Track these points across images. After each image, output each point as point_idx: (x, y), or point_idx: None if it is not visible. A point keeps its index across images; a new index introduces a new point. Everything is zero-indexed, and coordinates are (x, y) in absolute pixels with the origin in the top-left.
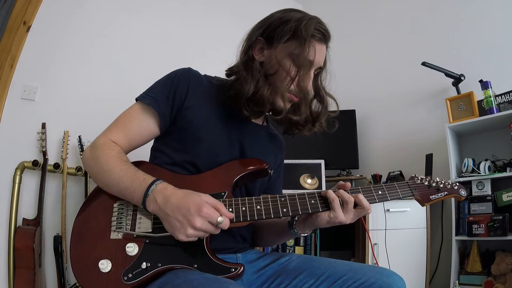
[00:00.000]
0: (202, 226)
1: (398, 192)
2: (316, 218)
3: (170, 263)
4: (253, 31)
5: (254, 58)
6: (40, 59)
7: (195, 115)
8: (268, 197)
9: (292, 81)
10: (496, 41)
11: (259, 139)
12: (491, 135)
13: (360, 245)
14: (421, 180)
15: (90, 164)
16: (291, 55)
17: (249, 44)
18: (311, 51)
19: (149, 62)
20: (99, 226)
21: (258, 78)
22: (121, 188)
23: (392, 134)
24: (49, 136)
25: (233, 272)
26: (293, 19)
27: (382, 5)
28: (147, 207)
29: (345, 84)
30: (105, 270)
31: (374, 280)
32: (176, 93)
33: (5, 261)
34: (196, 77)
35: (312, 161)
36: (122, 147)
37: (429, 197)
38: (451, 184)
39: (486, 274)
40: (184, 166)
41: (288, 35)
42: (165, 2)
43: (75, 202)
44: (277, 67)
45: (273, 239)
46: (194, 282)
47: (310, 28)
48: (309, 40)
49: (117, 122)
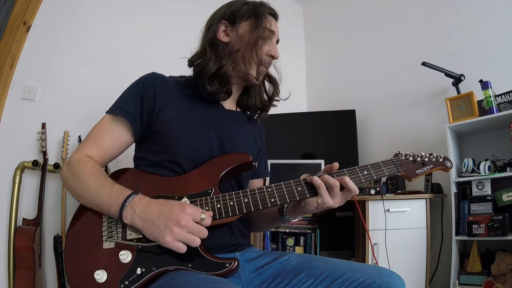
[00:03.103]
0: (187, 223)
1: (384, 170)
2: (305, 205)
3: (165, 266)
4: (212, 17)
5: (218, 39)
6: (40, 59)
7: (168, 114)
8: (255, 189)
9: (260, 50)
10: (496, 41)
11: (235, 124)
12: (491, 135)
13: (360, 245)
14: (405, 156)
15: (68, 182)
16: (254, 28)
17: (213, 28)
18: (272, 23)
19: (149, 62)
20: (90, 237)
21: (222, 55)
22: (99, 203)
23: (392, 134)
24: (49, 136)
25: (227, 267)
26: (247, 3)
27: (382, 5)
28: (124, 218)
29: (345, 84)
30: (101, 280)
31: (374, 279)
32: (144, 98)
33: (5, 261)
34: (161, 79)
35: (312, 161)
36: (97, 160)
37: (415, 172)
38: (435, 156)
39: (486, 274)
40: (167, 167)
41: (248, 14)
42: (165, 2)
43: (75, 202)
44: (244, 42)
45: (266, 225)
46: (189, 284)
47: (265, 7)
48: (267, 15)
49: (90, 136)
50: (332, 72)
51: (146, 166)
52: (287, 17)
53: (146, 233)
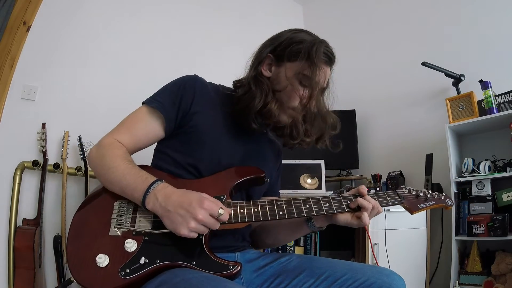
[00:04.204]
0: (204, 219)
1: (388, 200)
2: (334, 217)
3: (169, 260)
4: (263, 47)
5: (262, 73)
6: (40, 59)
7: (200, 120)
8: (265, 200)
9: (300, 100)
10: (496, 41)
11: (259, 145)
12: (491, 135)
13: (360, 245)
14: (409, 190)
15: (95, 161)
16: (299, 75)
17: (259, 60)
18: (321, 75)
19: (149, 62)
20: (98, 222)
21: (267, 92)
22: (123, 185)
23: (392, 134)
24: (49, 136)
25: (230, 269)
26: (304, 41)
27: (382, 5)
28: (146, 204)
29: (345, 84)
30: (102, 265)
31: (374, 280)
32: (182, 99)
33: (5, 261)
34: (202, 85)
35: (312, 161)
36: (127, 147)
37: (417, 206)
38: (438, 194)
39: (486, 274)
40: (186, 168)
41: (298, 56)
42: (165, 3)
43: (75, 202)
44: (285, 84)
45: (288, 236)
46: (192, 281)
47: (320, 52)
48: (320, 64)
49: (124, 124)
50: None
51: (166, 162)
52: (287, 17)
53: (165, 222)
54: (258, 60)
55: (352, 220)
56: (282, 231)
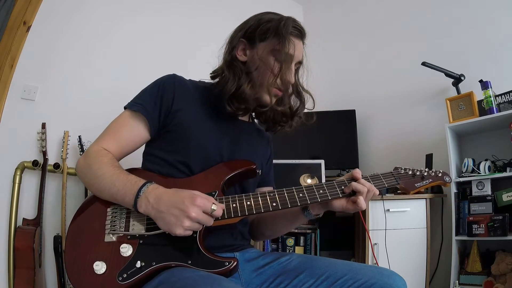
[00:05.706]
0: (197, 216)
1: (383, 182)
2: (330, 204)
3: (165, 261)
4: (235, 33)
5: (237, 58)
6: (40, 59)
7: (183, 117)
8: (257, 193)
9: (276, 76)
10: (496, 41)
11: (247, 136)
12: (491, 135)
13: (360, 245)
14: (405, 170)
15: (84, 172)
16: (272, 51)
17: (232, 46)
18: (291, 47)
19: (149, 61)
20: (93, 230)
21: (240, 75)
22: (113, 192)
23: (392, 134)
24: (49, 136)
25: (226, 265)
26: (272, 20)
27: (382, 5)
28: (138, 207)
29: (345, 84)
30: (100, 272)
31: (375, 280)
32: (163, 98)
33: (5, 261)
34: (181, 82)
35: (312, 161)
36: (114, 154)
37: (414, 185)
38: (435, 172)
39: (486, 274)
40: (176, 166)
41: (268, 34)
42: (165, 2)
43: (75, 202)
44: (260, 64)
45: (285, 227)
46: (188, 280)
47: (288, 26)
48: (288, 37)
49: (108, 130)
50: (332, 72)
51: (156, 163)
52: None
53: (159, 224)
54: (231, 46)
55: (348, 205)
56: (279, 222)
